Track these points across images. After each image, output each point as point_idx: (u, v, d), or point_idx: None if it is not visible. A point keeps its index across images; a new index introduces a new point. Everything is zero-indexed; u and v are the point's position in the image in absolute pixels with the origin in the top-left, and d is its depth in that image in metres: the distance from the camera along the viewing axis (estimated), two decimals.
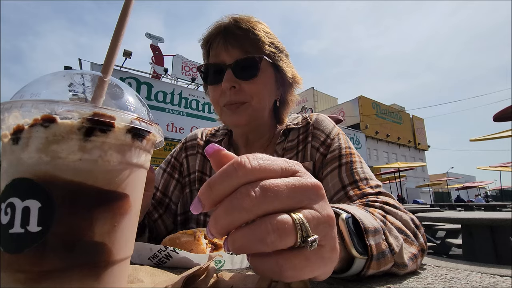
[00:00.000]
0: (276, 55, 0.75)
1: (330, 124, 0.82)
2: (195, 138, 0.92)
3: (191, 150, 0.90)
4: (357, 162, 0.70)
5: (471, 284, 0.37)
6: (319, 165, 0.75)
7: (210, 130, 0.96)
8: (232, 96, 0.72)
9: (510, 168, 11.82)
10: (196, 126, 10.85)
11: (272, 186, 0.25)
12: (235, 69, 0.71)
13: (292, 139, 0.82)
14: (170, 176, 0.88)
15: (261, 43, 0.72)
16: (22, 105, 0.24)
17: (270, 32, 0.77)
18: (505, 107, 4.61)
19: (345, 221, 0.37)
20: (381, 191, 0.62)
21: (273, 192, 0.24)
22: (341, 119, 5.25)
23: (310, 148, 0.78)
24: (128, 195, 0.27)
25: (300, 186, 0.26)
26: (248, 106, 0.73)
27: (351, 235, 0.37)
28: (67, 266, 0.23)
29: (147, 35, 11.71)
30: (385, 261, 0.40)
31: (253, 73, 0.71)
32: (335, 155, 0.72)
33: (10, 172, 0.24)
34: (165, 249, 0.46)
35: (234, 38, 0.71)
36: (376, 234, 0.40)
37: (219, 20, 0.75)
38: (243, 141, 0.85)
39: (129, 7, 0.31)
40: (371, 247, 0.38)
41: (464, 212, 4.00)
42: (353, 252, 0.36)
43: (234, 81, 0.71)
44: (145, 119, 0.28)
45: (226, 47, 0.72)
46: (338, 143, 0.75)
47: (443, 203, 11.34)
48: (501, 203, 9.01)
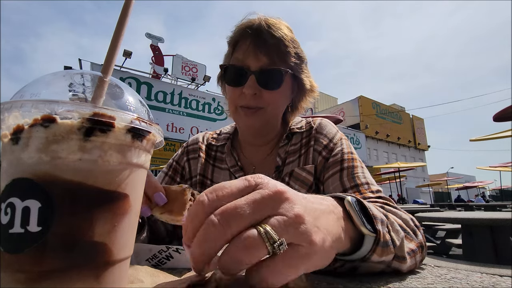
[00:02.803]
0: (298, 67, 0.77)
1: (333, 129, 0.83)
2: (196, 142, 0.92)
3: (193, 154, 0.90)
4: (358, 167, 0.71)
5: (471, 284, 0.37)
6: (320, 169, 0.76)
7: (211, 133, 0.96)
8: (251, 101, 0.73)
9: (510, 168, 11.82)
10: (196, 126, 10.85)
11: (233, 209, 0.26)
12: (259, 76, 0.72)
13: (295, 142, 0.83)
14: (171, 179, 0.87)
15: (288, 55, 0.73)
16: (22, 105, 0.24)
17: (296, 40, 0.78)
18: (505, 107, 4.61)
19: (351, 203, 0.38)
20: (381, 196, 0.63)
21: (234, 213, 0.26)
22: (341, 119, 5.25)
23: (313, 152, 0.79)
24: (128, 195, 0.27)
25: (261, 199, 0.28)
26: (264, 112, 0.75)
27: (358, 214, 0.38)
28: (67, 266, 0.23)
29: (147, 35, 11.71)
30: (388, 251, 0.40)
31: (276, 85, 0.73)
32: (337, 159, 0.73)
33: (10, 172, 0.24)
34: (166, 250, 0.46)
35: (264, 44, 0.71)
36: (382, 224, 0.41)
37: (249, 18, 0.76)
38: (249, 142, 0.86)
39: (129, 7, 0.31)
40: (379, 232, 0.39)
41: (464, 212, 4.00)
42: (363, 230, 0.37)
43: (257, 89, 0.72)
44: (145, 119, 0.28)
45: (254, 52, 0.72)
46: (341, 147, 0.76)
47: (443, 203, 11.34)
48: (501, 203, 9.01)
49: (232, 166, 0.84)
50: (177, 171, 0.89)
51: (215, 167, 0.87)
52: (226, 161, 0.85)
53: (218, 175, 0.85)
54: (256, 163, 0.85)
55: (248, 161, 0.86)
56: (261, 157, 0.85)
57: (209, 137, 0.94)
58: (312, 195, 0.36)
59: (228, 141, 0.89)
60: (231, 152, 0.86)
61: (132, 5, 0.32)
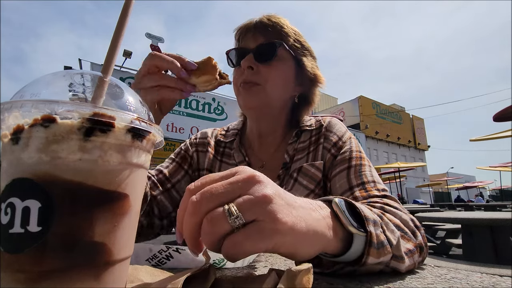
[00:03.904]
0: (299, 50, 0.80)
1: (343, 128, 0.83)
2: (205, 137, 0.93)
3: (202, 147, 0.90)
4: (366, 165, 0.71)
5: (471, 284, 0.37)
6: (328, 165, 0.76)
7: (220, 130, 0.96)
8: (248, 75, 0.76)
9: (510, 168, 11.81)
10: (196, 126, 10.85)
11: (208, 189, 0.30)
12: (256, 52, 0.76)
13: (304, 140, 0.83)
14: (179, 166, 0.87)
15: (286, 35, 0.77)
16: (22, 105, 0.24)
17: (299, 33, 0.82)
18: (505, 107, 4.61)
19: (338, 204, 0.39)
20: (387, 195, 0.62)
21: (209, 193, 0.30)
22: (341, 119, 5.23)
23: (322, 149, 0.79)
24: (128, 195, 0.27)
25: (234, 181, 0.31)
26: (261, 89, 0.76)
27: (345, 213, 0.38)
28: (67, 266, 0.23)
29: (147, 35, 11.71)
30: (384, 251, 0.40)
31: (269, 57, 0.76)
32: (345, 157, 0.73)
33: (10, 172, 0.24)
34: (166, 249, 0.46)
35: (262, 27, 0.77)
36: (375, 225, 0.41)
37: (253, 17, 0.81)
38: (256, 134, 0.86)
39: (129, 7, 0.31)
40: (371, 234, 0.39)
41: (464, 212, 4.01)
42: (351, 229, 0.38)
43: (253, 63, 0.75)
44: (145, 119, 0.28)
45: (254, 35, 0.78)
46: (350, 146, 0.76)
47: (443, 203, 11.34)
48: (501, 203, 9.01)
49: (240, 162, 0.84)
50: (185, 159, 0.89)
51: (222, 162, 0.87)
52: (234, 157, 0.86)
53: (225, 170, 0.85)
54: (264, 158, 0.85)
55: (256, 157, 0.86)
56: (269, 152, 0.86)
57: (217, 134, 0.94)
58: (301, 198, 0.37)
59: (236, 137, 0.90)
60: (239, 148, 0.87)
61: (132, 5, 0.32)
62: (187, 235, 0.30)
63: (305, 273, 0.28)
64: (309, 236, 0.32)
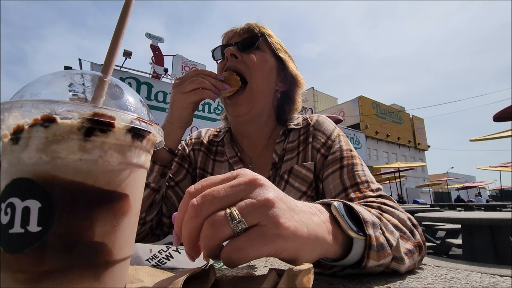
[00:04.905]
0: (280, 50, 0.83)
1: (330, 125, 0.82)
2: (199, 137, 0.95)
3: (196, 146, 0.92)
4: (358, 164, 0.70)
5: (471, 284, 0.37)
6: (319, 166, 0.76)
7: (213, 131, 0.97)
8: (231, 62, 0.78)
9: (510, 168, 11.81)
10: (196, 126, 10.85)
11: (209, 192, 0.29)
12: (239, 44, 0.79)
13: (292, 140, 0.83)
14: (180, 165, 0.88)
15: (268, 36, 0.81)
16: (22, 105, 0.24)
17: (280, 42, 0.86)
18: (505, 107, 4.61)
19: (337, 208, 0.39)
20: (382, 194, 0.62)
21: (210, 196, 0.29)
22: (341, 119, 5.25)
23: (311, 149, 0.78)
24: (128, 195, 0.27)
25: (235, 184, 0.30)
26: (247, 90, 0.77)
27: (344, 218, 0.38)
28: (67, 266, 0.23)
29: (147, 35, 11.70)
30: (385, 253, 0.40)
31: (252, 46, 0.79)
32: (336, 157, 0.72)
33: (10, 172, 0.24)
34: (166, 249, 0.46)
35: (247, 28, 0.81)
36: (374, 227, 0.41)
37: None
38: (242, 134, 0.87)
39: (129, 8, 0.31)
40: (370, 237, 0.39)
41: (464, 212, 4.00)
42: (351, 233, 0.37)
43: (236, 51, 0.78)
44: (145, 119, 0.28)
45: (239, 34, 0.82)
46: (339, 145, 0.75)
47: (443, 203, 11.33)
48: (501, 203, 9.00)
49: (231, 157, 0.85)
50: (184, 159, 0.90)
51: (215, 161, 0.88)
52: (226, 153, 0.86)
53: (219, 168, 0.86)
54: (252, 156, 0.86)
55: (245, 154, 0.87)
56: (256, 150, 0.86)
57: (210, 134, 0.96)
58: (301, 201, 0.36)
59: (227, 133, 0.91)
60: (231, 144, 0.87)
61: (132, 5, 0.32)
62: (186, 238, 0.29)
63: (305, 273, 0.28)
64: (310, 241, 0.32)
